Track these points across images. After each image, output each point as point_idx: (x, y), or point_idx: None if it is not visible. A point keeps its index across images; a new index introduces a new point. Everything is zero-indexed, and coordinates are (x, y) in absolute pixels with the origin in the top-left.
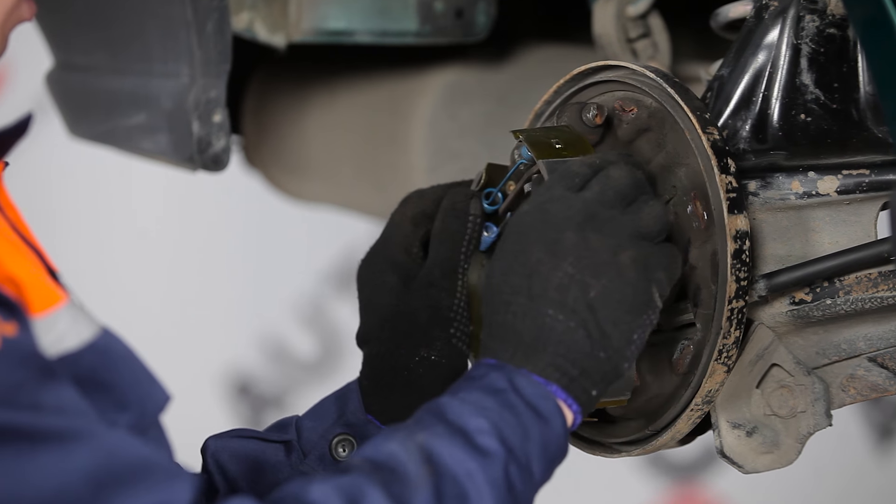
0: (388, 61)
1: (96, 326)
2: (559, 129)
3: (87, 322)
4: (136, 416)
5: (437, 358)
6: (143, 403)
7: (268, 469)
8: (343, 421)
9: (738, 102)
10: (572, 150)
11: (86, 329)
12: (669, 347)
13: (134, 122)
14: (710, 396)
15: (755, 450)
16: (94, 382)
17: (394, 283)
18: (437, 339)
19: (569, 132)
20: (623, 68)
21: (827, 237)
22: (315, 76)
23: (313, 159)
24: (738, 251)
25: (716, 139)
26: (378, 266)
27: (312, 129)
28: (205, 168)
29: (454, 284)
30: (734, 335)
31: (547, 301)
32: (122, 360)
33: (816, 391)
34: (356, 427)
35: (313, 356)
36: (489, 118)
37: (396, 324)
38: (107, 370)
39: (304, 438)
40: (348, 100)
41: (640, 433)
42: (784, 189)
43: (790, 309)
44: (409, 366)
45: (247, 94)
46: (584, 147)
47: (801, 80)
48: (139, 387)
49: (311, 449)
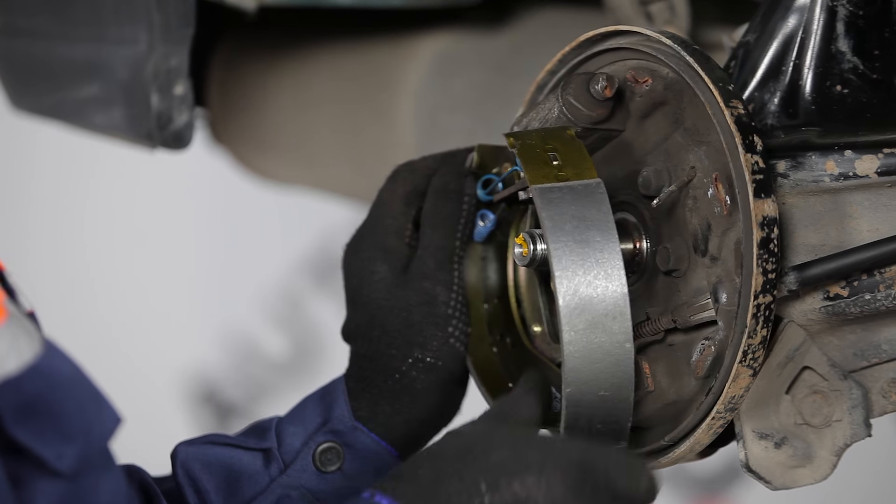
0: (371, 26)
1: (39, 345)
2: (558, 133)
3: (28, 341)
4: (80, 447)
5: (432, 360)
6: (88, 432)
7: (244, 480)
8: (328, 427)
9: (766, 72)
10: (571, 167)
11: (27, 349)
12: (687, 348)
13: (84, 94)
14: (734, 403)
15: (784, 463)
16: (35, 411)
17: (384, 273)
18: (433, 338)
19: (569, 139)
20: (636, 34)
21: (866, 224)
22: (289, 43)
23: (287, 136)
24: (766, 240)
25: (740, 114)
26: (366, 253)
27: (286, 103)
28: (165, 146)
29: (449, 276)
30: (761, 334)
31: None
32: (68, 384)
33: (854, 397)
34: (343, 434)
35: (286, 357)
36: (485, 90)
37: (387, 321)
38: (50, 396)
39: (285, 445)
40: (327, 70)
41: (655, 444)
42: (817, 170)
43: (824, 305)
44: (400, 369)
45: (212, 63)
46: (584, 162)
47: (836, 47)
48: (85, 414)
49: (293, 457)
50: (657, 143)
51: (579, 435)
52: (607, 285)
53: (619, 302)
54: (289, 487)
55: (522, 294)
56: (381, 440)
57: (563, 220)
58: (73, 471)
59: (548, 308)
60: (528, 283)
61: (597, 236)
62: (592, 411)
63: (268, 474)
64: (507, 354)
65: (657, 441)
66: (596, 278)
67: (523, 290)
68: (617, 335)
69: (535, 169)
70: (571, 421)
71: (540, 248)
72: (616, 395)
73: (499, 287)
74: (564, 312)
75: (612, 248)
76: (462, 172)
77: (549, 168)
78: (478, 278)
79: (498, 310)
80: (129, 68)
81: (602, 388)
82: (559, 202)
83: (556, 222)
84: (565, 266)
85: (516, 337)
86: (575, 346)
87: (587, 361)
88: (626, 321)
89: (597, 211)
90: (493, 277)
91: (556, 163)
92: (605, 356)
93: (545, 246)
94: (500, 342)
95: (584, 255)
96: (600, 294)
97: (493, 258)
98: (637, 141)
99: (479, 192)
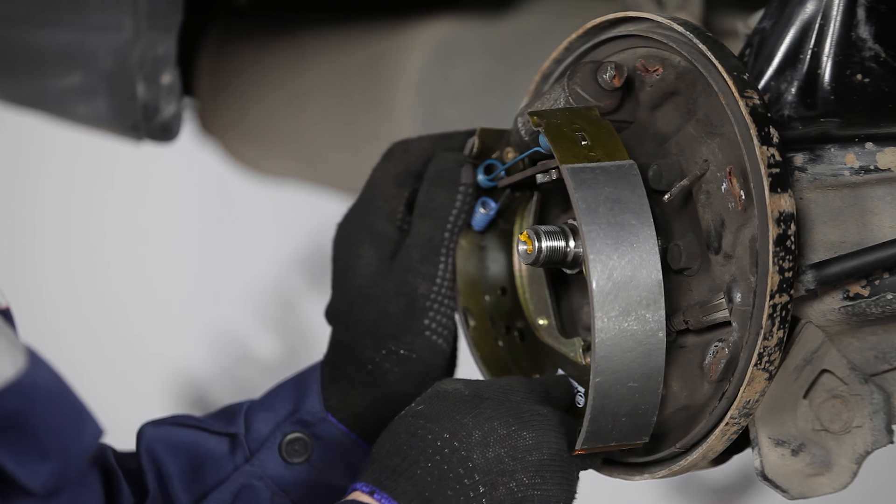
0: (369, 13)
1: (21, 358)
2: (583, 113)
3: (10, 354)
4: (58, 465)
5: (406, 352)
6: (66, 450)
7: (208, 466)
8: (297, 417)
9: (783, 61)
10: (601, 148)
11: (9, 364)
12: (700, 350)
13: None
14: (749, 408)
15: (802, 471)
16: (13, 428)
17: (370, 258)
18: (407, 331)
19: (595, 119)
20: (646, 21)
21: (888, 220)
22: (282, 31)
23: (280, 127)
24: (782, 237)
25: (756, 104)
26: (355, 235)
27: (279, 93)
28: (152, 137)
29: (434, 270)
30: (777, 336)
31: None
32: (48, 399)
33: (875, 402)
34: (311, 426)
35: (278, 360)
36: (488, 79)
37: (365, 309)
38: (29, 412)
39: (252, 432)
40: (321, 58)
41: (667, 451)
42: (837, 163)
43: (844, 305)
44: (374, 360)
45: (201, 50)
46: (614, 143)
47: (857, 34)
48: (64, 431)
49: (259, 445)
50: (668, 135)
51: (603, 427)
52: (642, 271)
53: (653, 289)
54: (252, 477)
55: (526, 285)
56: (350, 432)
57: (596, 201)
58: (46, 490)
59: (555, 301)
60: (530, 275)
61: (632, 219)
62: (619, 403)
63: (232, 461)
64: (516, 347)
65: (668, 448)
66: (630, 263)
67: (525, 281)
68: (650, 324)
69: (565, 148)
70: (597, 412)
71: (545, 245)
72: (645, 386)
73: (501, 278)
74: (598, 298)
75: (647, 233)
76: (459, 160)
77: (578, 148)
78: (477, 269)
79: (502, 301)
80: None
81: (631, 379)
82: (592, 183)
83: (589, 204)
84: (599, 249)
85: (525, 329)
86: (607, 334)
87: (618, 350)
88: (660, 310)
89: (631, 193)
90: (494, 268)
91: (585, 143)
92: (636, 345)
93: (550, 244)
94: (506, 335)
95: (618, 239)
96: (635, 280)
97: (493, 247)
98: (647, 133)
99: (480, 177)
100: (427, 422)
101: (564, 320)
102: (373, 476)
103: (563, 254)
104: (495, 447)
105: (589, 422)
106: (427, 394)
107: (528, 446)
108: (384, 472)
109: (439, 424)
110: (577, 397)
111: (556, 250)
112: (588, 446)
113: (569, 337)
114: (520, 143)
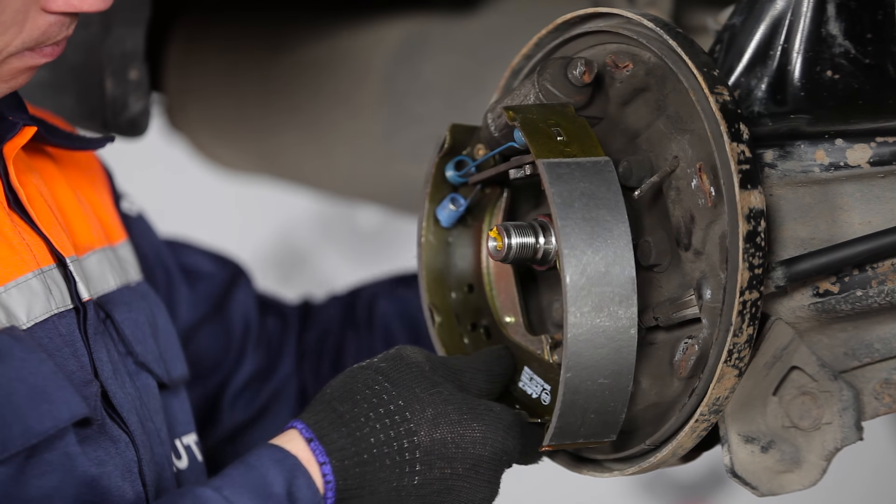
0: (336, 8)
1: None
2: (559, 109)
3: None
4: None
5: None
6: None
7: None
8: None
9: (753, 57)
10: (577, 144)
11: None
12: (670, 347)
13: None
14: (719, 405)
15: (771, 468)
16: None
17: None
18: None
19: (570, 116)
20: (617, 16)
21: (857, 216)
22: (250, 26)
23: (248, 123)
24: (752, 233)
25: (726, 100)
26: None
27: (247, 89)
28: (120, 133)
29: None
30: (746, 332)
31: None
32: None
33: (844, 399)
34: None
35: None
36: (457, 75)
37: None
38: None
39: None
40: (290, 54)
41: (636, 448)
42: (807, 160)
43: (813, 301)
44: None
45: (170, 46)
46: (589, 139)
47: (827, 30)
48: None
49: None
50: (639, 131)
51: (572, 423)
52: (615, 267)
53: (626, 286)
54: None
55: (493, 282)
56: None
57: (571, 197)
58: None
59: (523, 298)
60: (498, 272)
61: (606, 215)
62: (588, 399)
63: None
64: (482, 345)
65: (637, 445)
66: (604, 259)
67: (493, 278)
68: (622, 320)
69: (540, 143)
70: (567, 408)
71: (515, 241)
72: (615, 383)
73: (468, 275)
74: (571, 293)
75: (621, 229)
76: None
77: (553, 143)
78: (444, 265)
79: (469, 298)
80: (80, 51)
81: (602, 376)
82: (568, 178)
83: (564, 199)
84: (574, 244)
85: (491, 326)
86: (579, 329)
87: (590, 346)
88: (633, 307)
89: (606, 189)
90: (461, 265)
91: (561, 138)
92: (608, 342)
93: (520, 240)
94: (471, 332)
95: (593, 234)
96: (608, 276)
97: (461, 244)
98: (617, 129)
99: (450, 173)
100: (386, 381)
101: (532, 318)
102: (315, 418)
103: (532, 250)
104: (443, 430)
105: (558, 418)
106: (390, 354)
107: (474, 439)
108: (329, 416)
109: (397, 390)
110: (543, 395)
111: (526, 247)
112: (556, 443)
113: (536, 335)
114: (489, 139)
